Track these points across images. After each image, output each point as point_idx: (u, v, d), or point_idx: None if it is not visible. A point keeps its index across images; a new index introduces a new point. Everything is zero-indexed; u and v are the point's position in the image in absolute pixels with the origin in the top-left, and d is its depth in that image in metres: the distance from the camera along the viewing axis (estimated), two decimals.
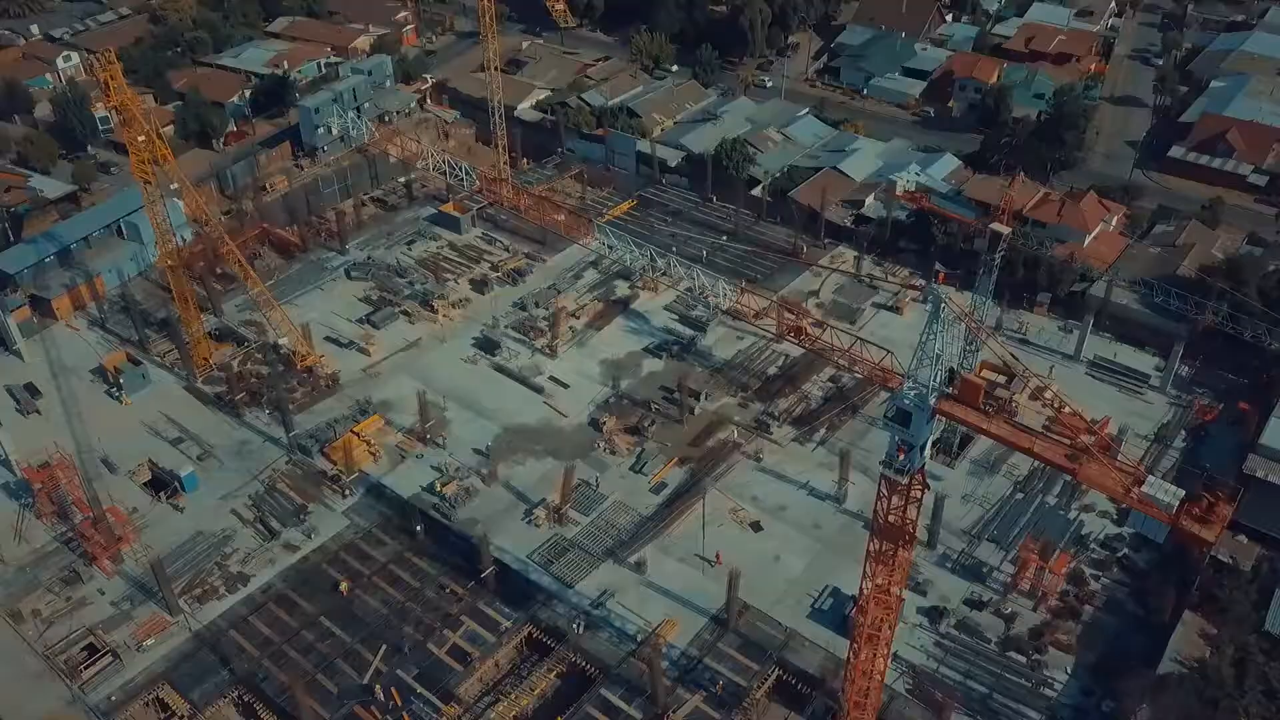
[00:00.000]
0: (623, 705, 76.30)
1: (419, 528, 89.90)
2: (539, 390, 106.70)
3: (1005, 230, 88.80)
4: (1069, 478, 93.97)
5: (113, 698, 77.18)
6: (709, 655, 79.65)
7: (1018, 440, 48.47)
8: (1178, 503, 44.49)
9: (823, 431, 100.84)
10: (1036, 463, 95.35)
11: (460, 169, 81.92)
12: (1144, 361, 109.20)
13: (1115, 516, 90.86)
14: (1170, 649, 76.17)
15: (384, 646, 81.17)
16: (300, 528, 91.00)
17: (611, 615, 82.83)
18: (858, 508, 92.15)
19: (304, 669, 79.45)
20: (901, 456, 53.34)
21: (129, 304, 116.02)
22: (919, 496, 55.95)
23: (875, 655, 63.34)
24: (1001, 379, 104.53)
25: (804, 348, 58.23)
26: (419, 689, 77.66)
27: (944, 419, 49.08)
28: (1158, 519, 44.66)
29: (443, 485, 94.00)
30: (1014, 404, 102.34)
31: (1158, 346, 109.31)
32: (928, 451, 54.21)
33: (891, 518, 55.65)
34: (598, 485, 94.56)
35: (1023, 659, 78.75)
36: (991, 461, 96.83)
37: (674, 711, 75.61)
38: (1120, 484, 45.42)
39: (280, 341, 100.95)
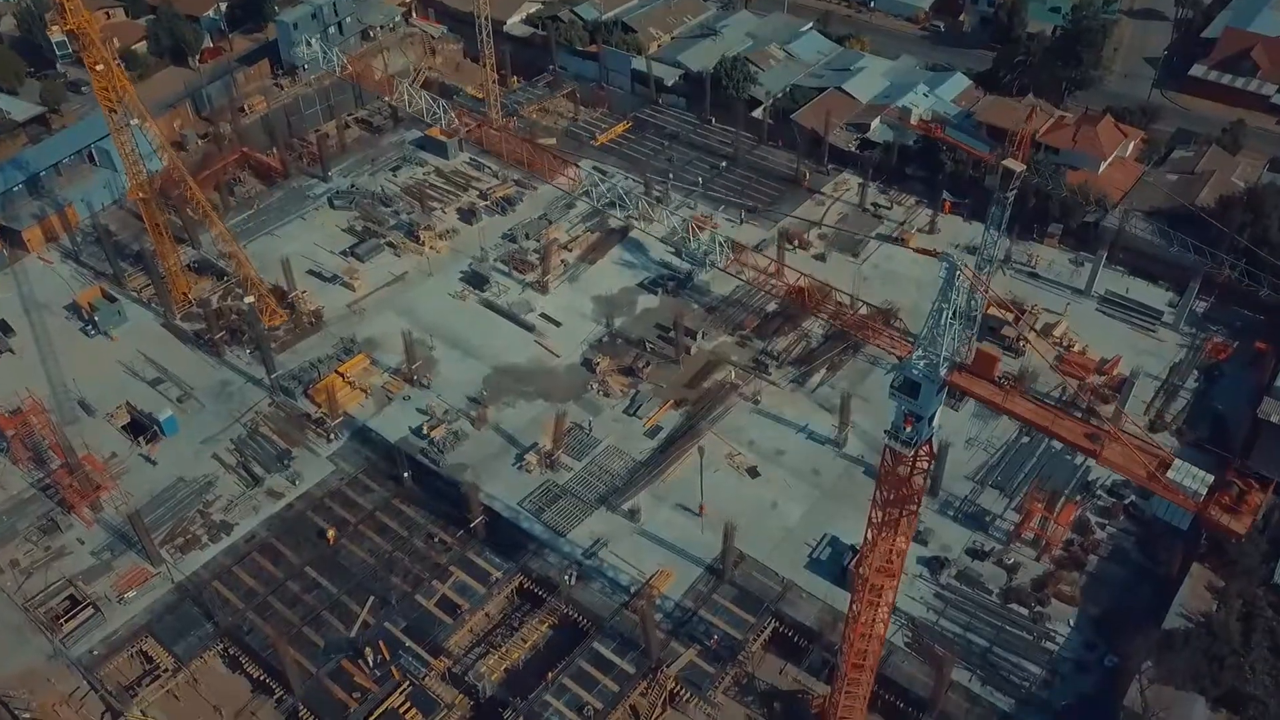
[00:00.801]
0: (615, 659, 74.73)
1: (406, 474, 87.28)
2: (530, 328, 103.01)
3: (1019, 168, 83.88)
4: (1078, 412, 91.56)
5: (94, 651, 75.57)
6: (704, 607, 77.85)
7: (1035, 418, 45.18)
8: (1205, 490, 41.50)
9: (823, 372, 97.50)
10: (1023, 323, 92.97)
11: (437, 105, 76.50)
12: (1157, 297, 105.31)
13: None
14: (1176, 603, 74.25)
15: (371, 598, 79.31)
16: (284, 474, 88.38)
17: (604, 565, 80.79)
18: (858, 452, 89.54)
19: (289, 622, 77.74)
20: (909, 428, 50.08)
21: (100, 236, 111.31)
22: (926, 468, 52.98)
23: (875, 619, 61.16)
24: (1009, 316, 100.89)
25: (809, 312, 54.08)
26: (408, 642, 75.98)
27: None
28: (1183, 506, 41.74)
29: (430, 429, 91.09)
30: (1022, 342, 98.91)
31: (1173, 281, 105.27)
32: (936, 422, 50.91)
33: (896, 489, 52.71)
34: (590, 429, 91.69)
35: (1024, 611, 76.98)
36: None
37: (668, 666, 74.08)
38: (1144, 468, 42.30)
39: (247, 300, 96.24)
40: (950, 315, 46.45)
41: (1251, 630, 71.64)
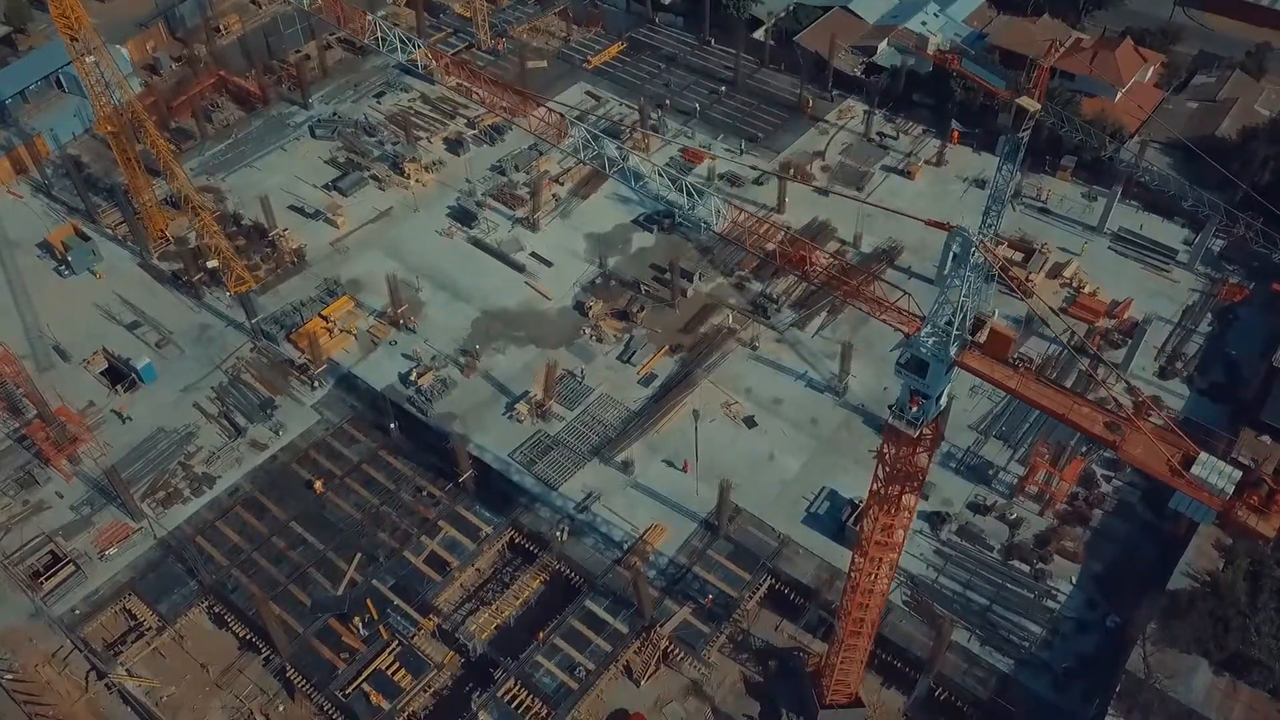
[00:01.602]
0: (608, 618, 73.28)
1: (393, 425, 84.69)
2: (520, 269, 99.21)
3: (1034, 107, 78.94)
4: (1084, 365, 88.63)
5: (76, 610, 74.06)
6: (699, 563, 76.11)
7: (1050, 404, 42.17)
8: (1232, 488, 38.81)
9: (824, 316, 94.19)
10: (1052, 352, 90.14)
11: (411, 43, 71.39)
12: (1172, 234, 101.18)
13: (1132, 411, 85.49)
14: (1182, 563, 72.39)
15: (358, 555, 77.52)
16: (267, 424, 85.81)
17: (597, 520, 78.82)
18: (859, 401, 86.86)
19: (275, 579, 76.11)
20: (915, 408, 47.17)
21: (69, 170, 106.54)
22: (932, 447, 50.27)
23: (874, 589, 59.28)
24: (1019, 256, 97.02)
25: (812, 283, 50.60)
26: (396, 600, 74.44)
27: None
28: (1208, 505, 39.10)
29: (418, 376, 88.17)
30: (1031, 282, 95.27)
31: (1189, 217, 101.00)
32: (944, 400, 47.98)
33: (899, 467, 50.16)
34: (583, 377, 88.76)
35: (1026, 568, 75.27)
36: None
37: (661, 626, 72.67)
38: (1166, 463, 39.46)
39: (209, 265, 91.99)
40: (963, 292, 43.03)
41: (1259, 591, 69.86)
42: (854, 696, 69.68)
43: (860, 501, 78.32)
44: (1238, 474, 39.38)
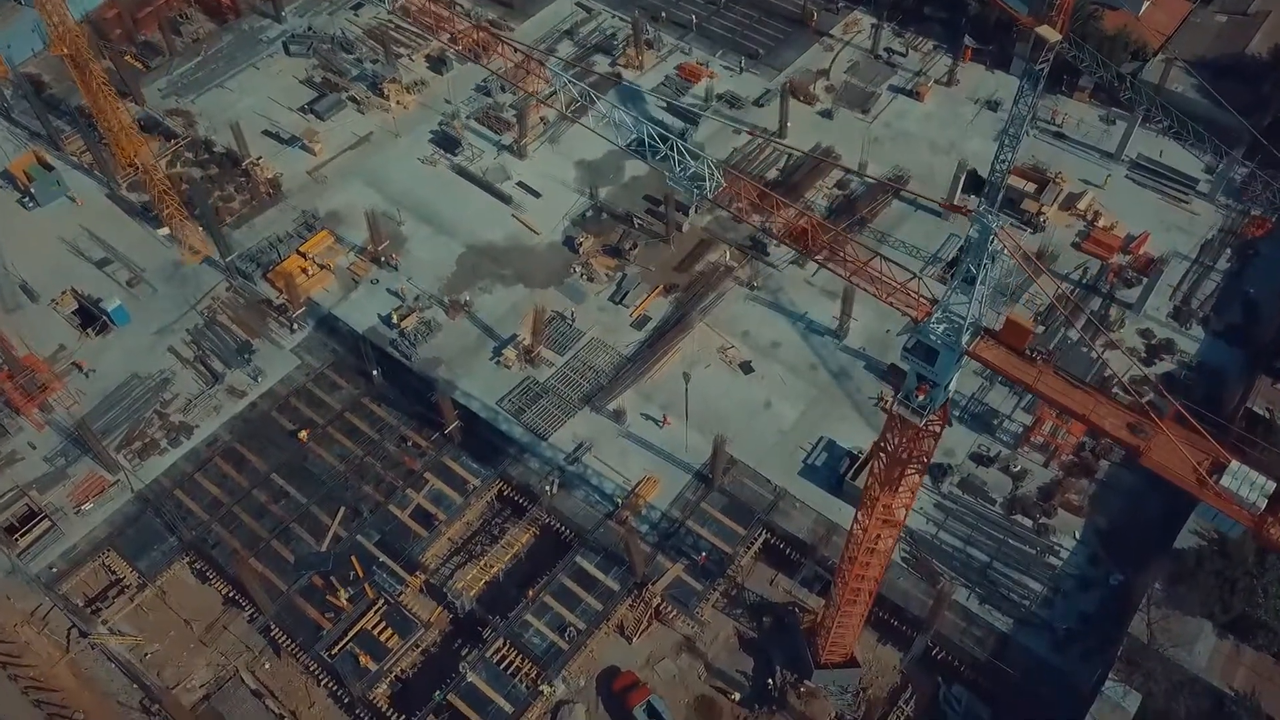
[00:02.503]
0: (599, 575, 71.53)
1: (375, 372, 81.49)
2: (506, 200, 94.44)
3: (1054, 38, 73.07)
4: (1098, 302, 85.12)
5: (54, 568, 72.24)
6: (692, 517, 74.01)
7: (1071, 402, 38.86)
8: (1265, 502, 35.87)
9: (826, 251, 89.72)
10: (1060, 292, 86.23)
11: None
12: (1193, 163, 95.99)
13: (1144, 355, 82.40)
14: (1191, 521, 70.04)
15: (342, 509, 75.35)
16: (245, 369, 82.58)
17: (588, 471, 76.38)
18: (860, 344, 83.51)
19: (257, 535, 74.11)
20: (921, 396, 43.87)
21: (27, 92, 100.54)
22: (939, 431, 47.20)
23: (871, 564, 57.15)
24: (1031, 187, 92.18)
25: (813, 259, 46.70)
26: (381, 557, 72.55)
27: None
28: (1237, 520, 36.26)
29: (401, 318, 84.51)
30: (1042, 217, 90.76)
31: (1211, 144, 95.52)
32: (953, 387, 44.65)
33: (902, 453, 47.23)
34: (573, 319, 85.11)
35: (1029, 523, 73.20)
36: (1011, 290, 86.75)
37: (653, 583, 70.97)
38: (1193, 471, 36.40)
39: (161, 233, 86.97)
40: (981, 281, 39.25)
41: (1267, 551, 67.86)
42: (849, 656, 68.51)
43: (859, 452, 75.94)
44: (1271, 485, 36.35)
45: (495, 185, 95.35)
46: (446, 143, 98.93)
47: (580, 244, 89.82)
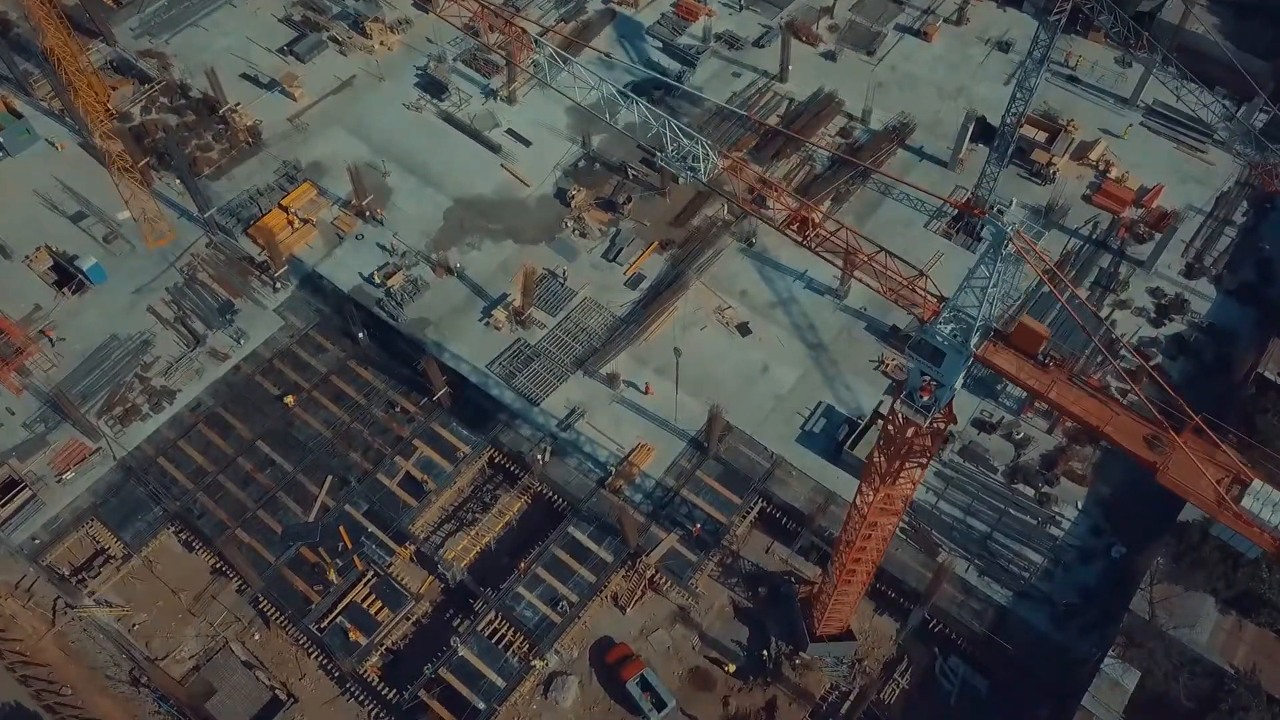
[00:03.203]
0: (592, 545, 70.28)
1: (361, 334, 79.05)
2: (496, 149, 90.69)
3: None
4: (1108, 259, 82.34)
5: (37, 539, 70.91)
6: (687, 486, 72.45)
7: (1085, 413, 36.65)
8: None
9: (827, 205, 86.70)
10: (1069, 247, 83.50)
11: None
12: (1212, 108, 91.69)
13: (1153, 315, 79.89)
14: None
15: (329, 478, 73.74)
16: (228, 330, 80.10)
17: (580, 439, 74.58)
18: (861, 303, 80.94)
19: (242, 504, 72.63)
20: (926, 396, 41.68)
21: None
22: (944, 430, 45.12)
23: (869, 547, 55.74)
24: (1042, 136, 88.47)
25: (812, 249, 43.90)
26: (370, 528, 71.18)
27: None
28: (1258, 544, 34.39)
29: (387, 277, 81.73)
30: (1052, 169, 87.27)
31: (1235, 88, 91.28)
32: (959, 384, 42.39)
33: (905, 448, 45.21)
34: (565, 278, 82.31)
35: (1031, 492, 71.70)
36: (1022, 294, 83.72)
37: (647, 555, 69.75)
38: (1213, 492, 34.38)
39: (121, 216, 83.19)
40: (992, 285, 36.70)
41: None
42: (845, 628, 67.72)
43: (860, 419, 74.08)
44: None
45: (483, 133, 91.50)
46: (433, 87, 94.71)
47: (572, 197, 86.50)
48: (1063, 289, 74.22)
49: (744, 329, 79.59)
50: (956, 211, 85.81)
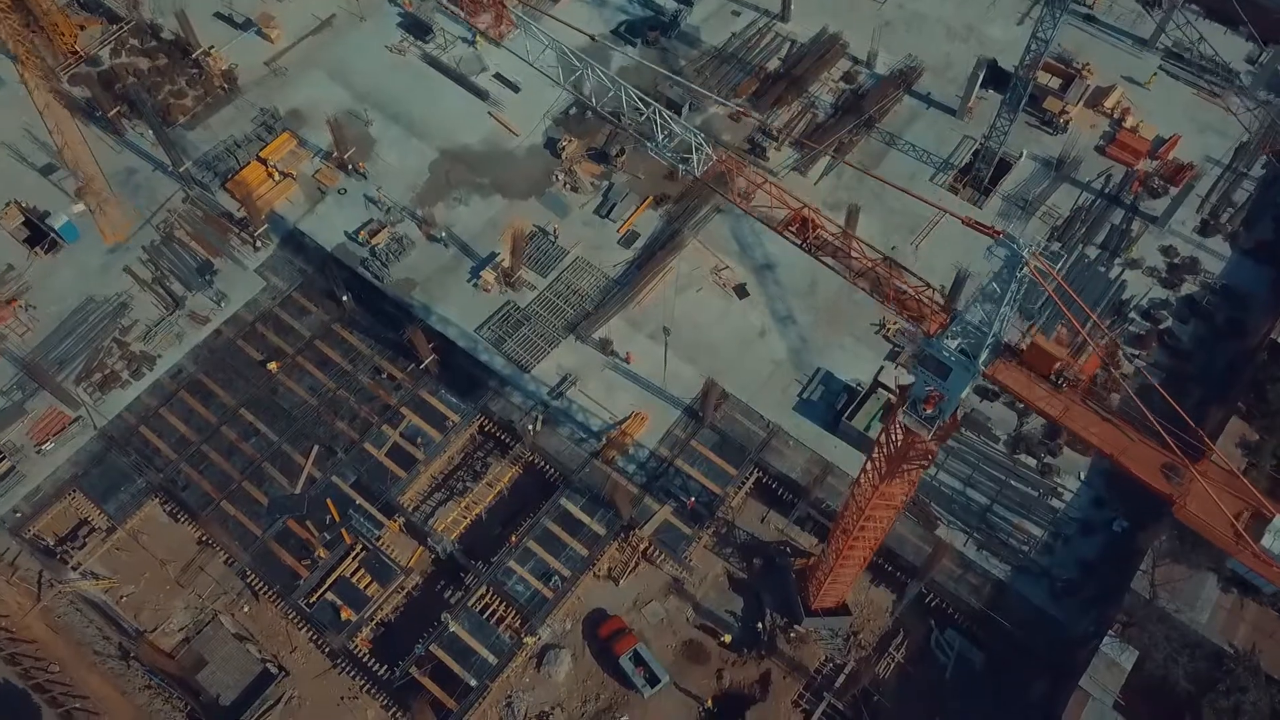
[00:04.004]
0: (585, 518, 69.01)
1: (345, 298, 76.45)
2: (483, 96, 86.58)
3: None
4: (1122, 211, 79.15)
5: (18, 512, 69.58)
6: (681, 456, 70.83)
7: (1100, 439, 34.54)
8: None
9: (829, 157, 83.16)
10: (1080, 204, 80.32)
11: None
12: (1235, 49, 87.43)
13: (1164, 276, 77.18)
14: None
15: (316, 448, 72.06)
16: (208, 292, 77.46)
17: (573, 407, 72.68)
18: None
19: (227, 476, 71.10)
20: (929, 409, 39.56)
21: None
22: (947, 436, 43.11)
23: (865, 536, 54.39)
24: (1056, 82, 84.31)
25: (811, 253, 41.21)
26: (358, 500, 69.81)
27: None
28: (1273, 582, 32.72)
29: (371, 235, 78.72)
30: (1065, 118, 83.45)
31: (1262, 28, 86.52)
32: (965, 393, 40.23)
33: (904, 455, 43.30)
34: (556, 236, 79.29)
35: (1033, 462, 70.11)
36: (1029, 200, 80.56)
37: (640, 528, 68.51)
38: (1230, 529, 32.50)
39: (75, 210, 79.04)
40: (1006, 306, 34.28)
41: None
42: (841, 603, 66.92)
43: (859, 386, 72.08)
44: None
45: (470, 78, 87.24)
46: (416, 28, 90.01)
47: (563, 148, 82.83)
48: (1078, 312, 70.22)
49: (741, 290, 76.99)
50: (963, 164, 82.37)
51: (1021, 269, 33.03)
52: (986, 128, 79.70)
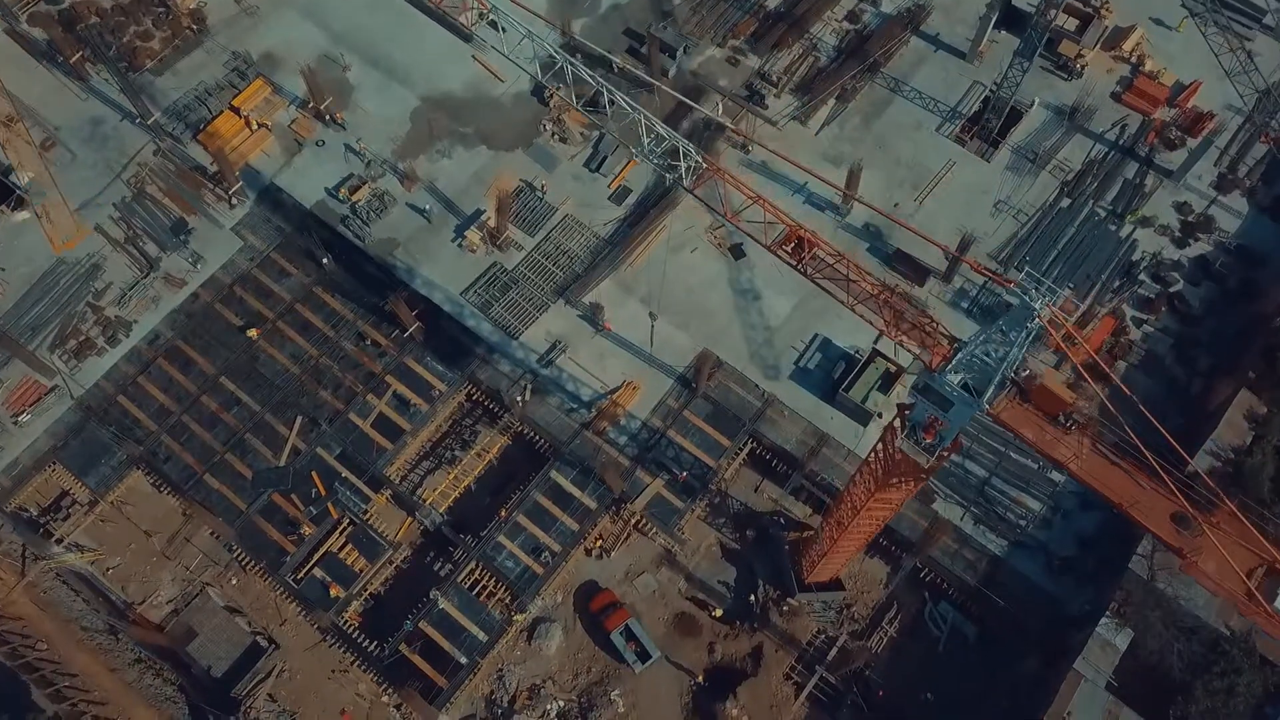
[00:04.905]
0: (575, 491, 67.71)
1: (325, 260, 73.62)
2: (466, 38, 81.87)
3: None
4: (1134, 169, 75.80)
5: None
6: (673, 426, 69.15)
7: (1107, 486, 32.52)
8: None
9: (831, 104, 79.07)
10: (1092, 157, 76.79)
11: None
12: None
13: (1178, 235, 74.19)
14: (1210, 442, 65.17)
15: (299, 418, 70.29)
16: (183, 254, 74.59)
17: (562, 375, 70.67)
18: (863, 222, 75.11)
19: (210, 448, 69.53)
20: (929, 439, 37.55)
21: None
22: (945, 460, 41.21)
23: (861, 530, 53.10)
24: (1073, 24, 79.55)
25: (805, 274, 38.53)
26: (343, 472, 68.40)
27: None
28: None
29: (352, 192, 75.39)
30: (1081, 63, 79.12)
31: None
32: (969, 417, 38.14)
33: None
34: (544, 192, 75.92)
35: None
36: (1039, 153, 76.91)
37: (632, 501, 67.30)
38: (1241, 584, 30.82)
39: (20, 217, 74.36)
40: (1014, 354, 31.93)
41: None
42: (835, 578, 66.21)
43: (858, 354, 69.92)
44: None
45: (452, 19, 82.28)
46: None
47: (550, 95, 78.73)
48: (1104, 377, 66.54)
49: (737, 251, 74.11)
50: (971, 114, 78.43)
51: (1034, 321, 30.45)
52: (998, 74, 75.54)
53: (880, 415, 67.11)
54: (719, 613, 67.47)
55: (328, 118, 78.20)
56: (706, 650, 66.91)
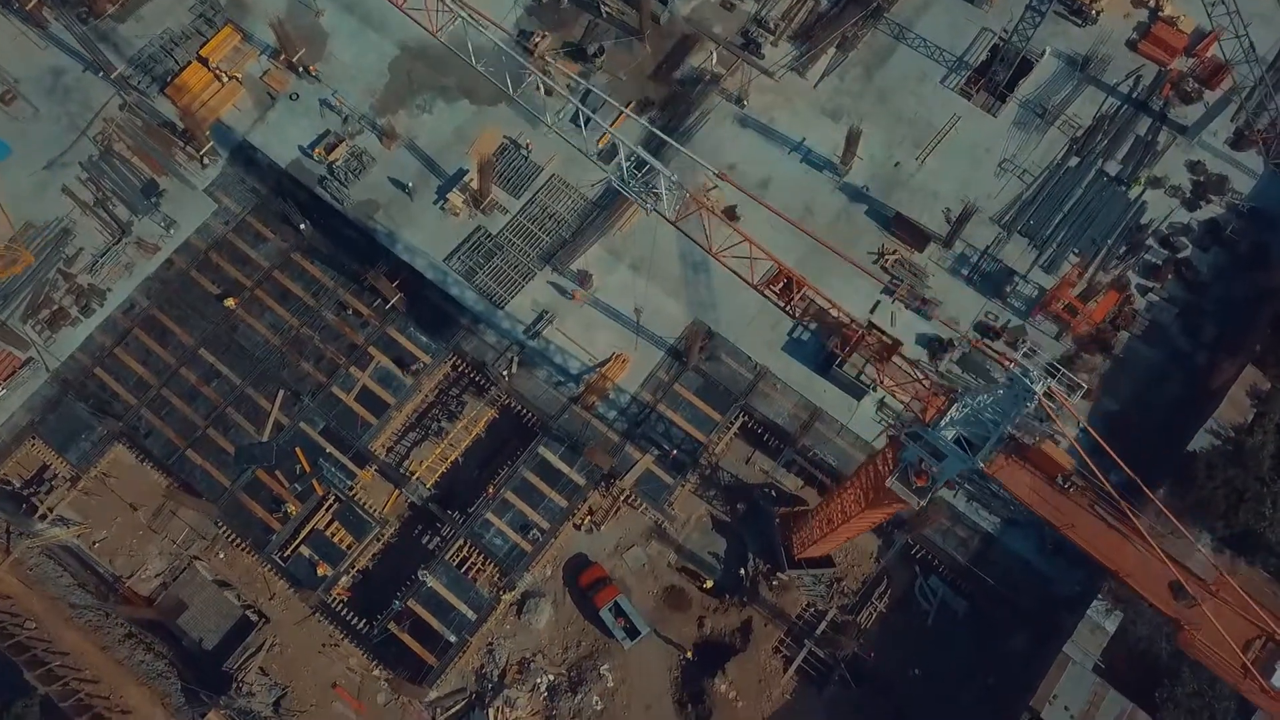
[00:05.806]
0: (564, 467, 66.69)
1: (303, 224, 70.91)
2: None
3: None
4: (1147, 125, 72.45)
5: None
6: (664, 400, 67.67)
7: (1106, 555, 31.07)
8: None
9: (831, 53, 74.99)
10: (1104, 111, 73.29)
11: None
12: None
13: (1188, 196, 71.27)
14: (1212, 420, 63.74)
15: (281, 392, 68.75)
16: (155, 217, 71.83)
17: (550, 347, 68.83)
18: (863, 182, 72.12)
19: (191, 422, 68.24)
20: (921, 483, 36.09)
21: None
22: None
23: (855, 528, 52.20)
24: None
25: (792, 316, 36.44)
26: (328, 448, 67.27)
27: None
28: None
29: (329, 151, 72.14)
30: (1097, 9, 74.73)
31: None
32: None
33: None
34: (529, 150, 72.63)
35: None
36: (1048, 107, 73.28)
37: (621, 478, 66.37)
38: (1236, 661, 29.69)
39: None
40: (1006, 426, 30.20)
41: None
42: (824, 554, 65.80)
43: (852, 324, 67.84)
44: None
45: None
46: None
47: (535, 43, 74.60)
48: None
49: (731, 213, 71.21)
50: (977, 65, 74.48)
51: (1033, 400, 28.61)
52: (1010, 19, 71.43)
53: (874, 388, 65.50)
54: (710, 584, 67.30)
55: (301, 69, 74.27)
56: (696, 624, 66.99)
